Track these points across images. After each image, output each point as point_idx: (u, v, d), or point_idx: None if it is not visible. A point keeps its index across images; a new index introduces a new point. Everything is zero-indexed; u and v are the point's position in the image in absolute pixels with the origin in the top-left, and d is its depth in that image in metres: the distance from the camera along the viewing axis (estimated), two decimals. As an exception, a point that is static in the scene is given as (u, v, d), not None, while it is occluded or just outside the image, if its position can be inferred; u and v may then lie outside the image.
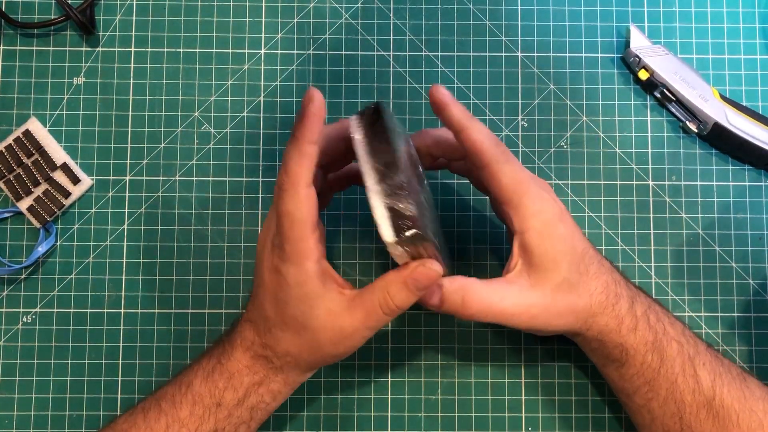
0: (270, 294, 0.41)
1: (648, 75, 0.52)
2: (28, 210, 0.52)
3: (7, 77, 0.54)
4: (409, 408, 0.51)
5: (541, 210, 0.42)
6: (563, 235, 0.42)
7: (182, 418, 0.42)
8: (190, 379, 0.43)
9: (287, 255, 0.40)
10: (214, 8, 0.54)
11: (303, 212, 0.39)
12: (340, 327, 0.41)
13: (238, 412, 0.43)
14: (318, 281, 0.40)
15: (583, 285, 0.43)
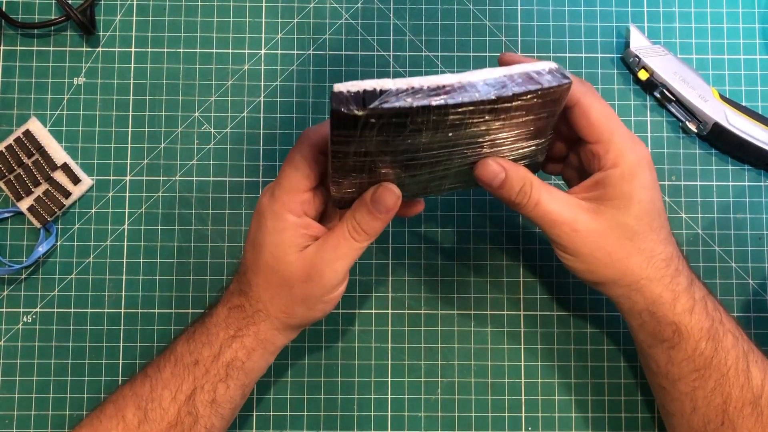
0: (250, 239, 0.43)
1: (648, 75, 0.52)
2: (29, 210, 0.52)
3: (7, 77, 0.54)
4: (409, 408, 0.51)
5: (632, 149, 0.40)
6: (648, 183, 0.41)
7: (164, 379, 0.43)
8: (175, 343, 0.44)
9: (275, 198, 0.41)
10: (214, 8, 0.54)
11: (306, 166, 0.40)
12: (310, 263, 0.41)
13: (214, 369, 0.43)
14: (296, 232, 0.41)
15: (647, 241, 0.41)
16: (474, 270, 0.53)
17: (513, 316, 0.52)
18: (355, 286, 0.52)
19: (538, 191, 0.41)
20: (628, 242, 0.41)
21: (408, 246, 0.53)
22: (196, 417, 0.43)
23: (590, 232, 0.41)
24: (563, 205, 0.41)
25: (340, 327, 0.52)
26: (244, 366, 0.44)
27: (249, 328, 0.43)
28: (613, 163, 0.40)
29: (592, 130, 0.40)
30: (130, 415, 0.43)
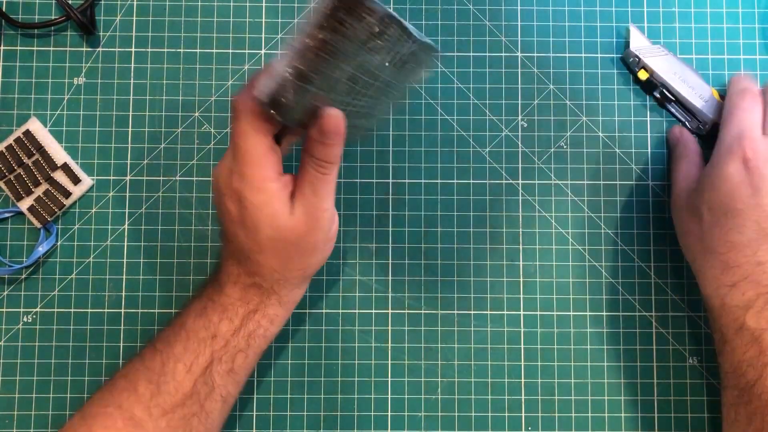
0: (238, 224, 0.42)
1: (647, 75, 0.52)
2: (29, 210, 0.52)
3: (7, 77, 0.54)
4: (409, 408, 0.51)
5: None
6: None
7: (176, 354, 0.43)
8: (183, 320, 0.44)
9: (247, 175, 0.40)
10: (215, 8, 0.54)
11: (261, 132, 0.40)
12: (305, 216, 0.42)
13: (234, 341, 0.44)
14: (281, 195, 0.41)
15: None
16: (474, 270, 0.53)
17: (513, 316, 0.52)
18: (355, 286, 0.52)
19: (683, 161, 0.51)
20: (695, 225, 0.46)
21: (408, 246, 0.53)
22: (212, 386, 0.44)
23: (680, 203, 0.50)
24: (683, 176, 0.50)
25: (340, 327, 0.52)
26: (267, 332, 0.45)
27: (270, 298, 0.45)
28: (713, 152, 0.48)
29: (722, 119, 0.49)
30: (142, 388, 0.43)
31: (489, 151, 0.53)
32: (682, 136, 0.52)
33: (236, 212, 0.42)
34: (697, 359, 0.52)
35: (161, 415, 0.43)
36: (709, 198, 0.46)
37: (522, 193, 0.53)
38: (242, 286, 0.44)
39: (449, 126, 0.54)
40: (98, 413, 0.43)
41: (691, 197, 0.48)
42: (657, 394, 0.51)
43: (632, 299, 0.52)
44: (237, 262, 0.44)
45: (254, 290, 0.44)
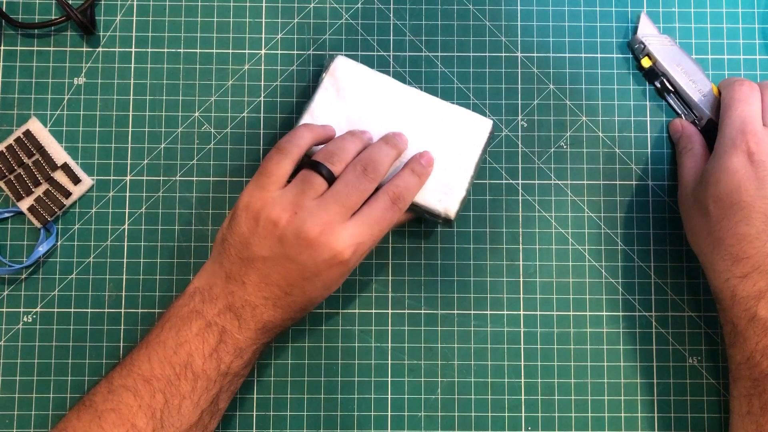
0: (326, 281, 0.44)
1: (651, 63, 0.53)
2: (29, 210, 0.52)
3: (7, 77, 0.54)
4: (409, 408, 0.51)
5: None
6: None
7: (183, 392, 0.43)
8: (184, 361, 0.43)
9: (373, 244, 0.45)
10: (215, 8, 0.54)
11: None
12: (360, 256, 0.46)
13: (242, 372, 0.45)
14: None
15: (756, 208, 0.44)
16: (474, 270, 0.53)
17: (513, 316, 0.52)
18: (355, 286, 0.52)
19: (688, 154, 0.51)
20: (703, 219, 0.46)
21: (408, 246, 0.53)
22: (216, 410, 0.45)
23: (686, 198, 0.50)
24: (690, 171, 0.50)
25: (340, 327, 0.52)
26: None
27: (283, 329, 0.47)
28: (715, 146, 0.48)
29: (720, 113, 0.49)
30: (142, 423, 0.42)
31: (489, 151, 0.53)
32: (684, 128, 0.52)
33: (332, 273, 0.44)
34: (697, 359, 0.52)
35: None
36: (714, 192, 0.46)
37: (522, 193, 0.53)
38: (270, 327, 0.45)
39: (449, 126, 0.53)
40: None
41: (697, 191, 0.48)
42: (657, 394, 0.51)
43: (632, 299, 0.52)
44: (279, 309, 0.44)
45: (279, 329, 0.46)
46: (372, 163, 0.45)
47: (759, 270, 0.43)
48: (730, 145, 0.46)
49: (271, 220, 0.43)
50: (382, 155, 0.46)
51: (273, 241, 0.43)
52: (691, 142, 0.51)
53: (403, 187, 0.45)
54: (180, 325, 0.44)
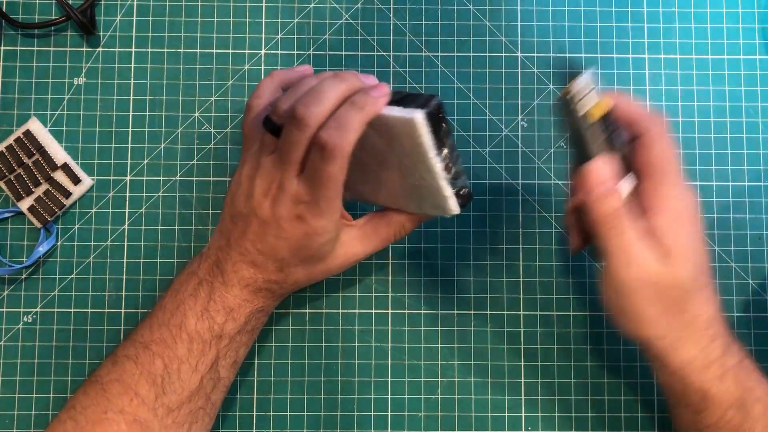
0: (288, 240, 0.42)
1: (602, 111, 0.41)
2: (29, 210, 0.52)
3: (7, 77, 0.54)
4: (409, 408, 0.51)
5: (688, 195, 0.40)
6: (698, 234, 0.40)
7: (180, 356, 0.43)
8: (179, 321, 0.44)
9: (321, 210, 0.41)
10: (215, 8, 0.54)
11: (343, 175, 0.40)
12: (353, 253, 0.45)
13: (239, 337, 0.45)
14: (339, 226, 0.44)
15: (694, 300, 0.40)
16: (474, 270, 0.53)
17: (513, 316, 0.52)
18: (355, 285, 0.52)
19: (632, 219, 0.40)
20: (679, 300, 0.40)
21: (408, 246, 0.53)
22: (217, 379, 0.45)
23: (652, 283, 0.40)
24: (643, 245, 0.39)
25: (340, 327, 0.52)
26: (264, 321, 0.47)
27: (277, 300, 0.47)
28: (665, 204, 0.39)
29: (654, 162, 0.40)
30: (144, 391, 0.42)
31: (489, 151, 0.53)
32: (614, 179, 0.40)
33: (291, 229, 0.42)
34: (697, 359, 0.52)
35: (167, 414, 0.43)
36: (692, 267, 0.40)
37: (522, 193, 0.53)
38: (253, 288, 0.44)
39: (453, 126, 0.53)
40: (97, 420, 0.42)
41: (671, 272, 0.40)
42: (657, 394, 0.51)
43: (632, 299, 0.52)
44: (259, 269, 0.44)
45: (265, 293, 0.45)
46: (303, 106, 0.39)
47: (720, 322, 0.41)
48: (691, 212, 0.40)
49: (242, 178, 0.43)
50: (321, 92, 0.39)
51: (247, 195, 0.43)
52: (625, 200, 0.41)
53: (333, 130, 0.39)
54: (178, 287, 0.45)
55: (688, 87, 0.54)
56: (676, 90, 0.54)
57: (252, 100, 0.45)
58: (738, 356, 0.42)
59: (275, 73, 0.46)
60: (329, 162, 0.39)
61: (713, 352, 0.41)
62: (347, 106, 0.39)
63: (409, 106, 0.40)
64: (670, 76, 0.54)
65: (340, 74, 0.41)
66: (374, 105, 0.39)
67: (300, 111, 0.39)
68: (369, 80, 0.42)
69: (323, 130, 0.39)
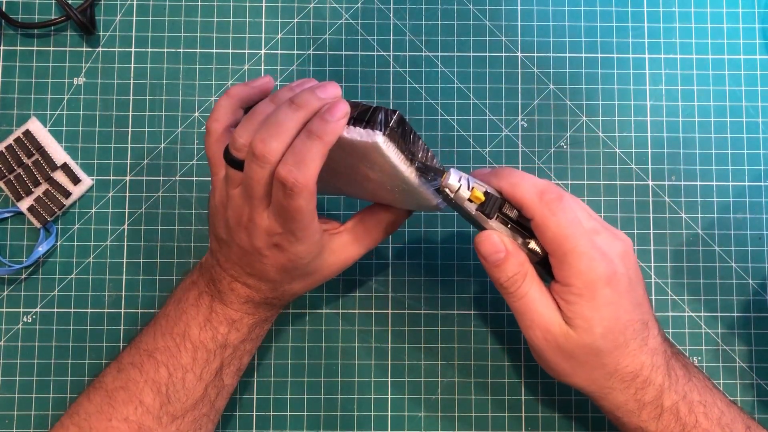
0: (275, 265, 0.42)
1: (483, 193, 0.41)
2: (29, 210, 0.52)
3: (7, 77, 0.54)
4: (409, 408, 0.51)
5: (587, 270, 0.39)
6: (606, 301, 0.40)
7: (185, 365, 0.43)
8: (182, 330, 0.44)
9: (297, 239, 0.40)
10: (214, 8, 0.54)
11: (313, 203, 0.39)
12: (346, 257, 0.45)
13: (243, 346, 0.45)
14: (321, 241, 0.42)
15: (610, 357, 0.41)
16: (474, 270, 0.53)
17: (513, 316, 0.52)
18: (355, 286, 0.52)
19: (530, 285, 0.41)
20: (593, 357, 0.41)
21: (408, 246, 0.53)
22: (221, 387, 0.45)
23: (558, 344, 0.41)
24: (546, 309, 0.41)
25: (340, 327, 0.52)
26: (267, 330, 0.48)
27: (279, 309, 0.47)
28: (566, 281, 0.40)
29: (548, 245, 0.40)
30: (149, 399, 0.43)
31: (489, 151, 0.53)
32: (508, 247, 0.41)
33: (273, 256, 0.41)
34: (697, 359, 0.52)
35: (171, 422, 0.43)
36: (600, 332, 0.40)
37: (522, 193, 0.53)
38: (253, 304, 0.44)
39: (449, 126, 0.54)
40: (102, 428, 0.42)
41: (574, 338, 0.40)
42: (657, 394, 0.51)
43: (632, 299, 0.52)
44: (254, 289, 0.44)
45: (265, 306, 0.45)
46: (261, 142, 0.37)
47: (652, 369, 0.41)
48: (594, 281, 0.40)
49: (217, 205, 0.42)
50: (278, 125, 0.38)
51: (224, 223, 0.42)
52: (527, 278, 0.41)
53: (292, 165, 0.37)
54: (181, 296, 0.45)
55: (688, 87, 0.54)
56: (676, 90, 0.54)
57: (210, 123, 0.42)
58: (680, 393, 0.42)
59: (232, 91, 0.42)
60: (293, 198, 0.37)
61: (645, 396, 0.41)
62: (304, 137, 0.37)
63: (369, 124, 0.38)
64: (670, 76, 0.54)
65: (296, 99, 0.39)
66: (333, 133, 0.37)
67: (258, 148, 0.37)
68: (327, 93, 0.39)
69: (282, 165, 0.37)
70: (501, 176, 0.41)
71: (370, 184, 0.43)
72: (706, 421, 0.42)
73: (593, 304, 0.40)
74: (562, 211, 0.40)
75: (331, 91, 0.39)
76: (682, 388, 0.42)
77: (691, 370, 0.43)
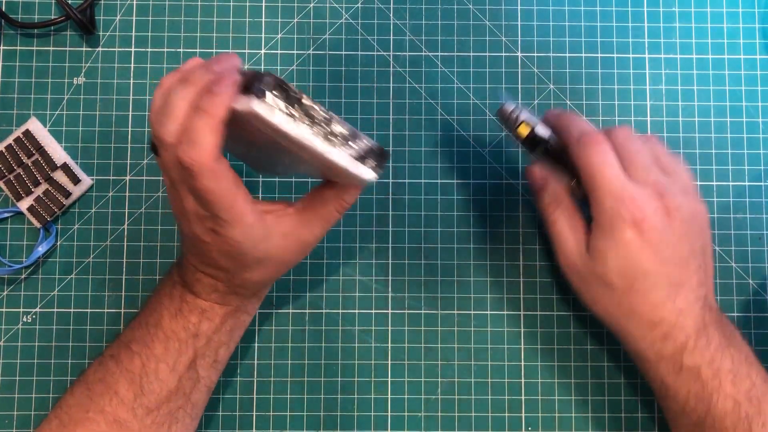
0: (220, 252, 0.41)
1: (528, 129, 0.46)
2: (29, 210, 0.52)
3: (7, 77, 0.54)
4: (409, 408, 0.51)
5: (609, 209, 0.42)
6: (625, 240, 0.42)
7: (157, 354, 0.43)
8: (157, 320, 0.44)
9: (224, 221, 0.38)
10: (214, 8, 0.54)
11: (226, 182, 0.37)
12: (300, 241, 0.43)
13: (217, 337, 0.45)
14: (261, 224, 0.40)
15: (626, 297, 0.43)
16: (474, 270, 0.53)
17: (513, 316, 0.52)
18: (355, 285, 0.52)
19: (561, 213, 0.46)
20: (608, 291, 0.43)
21: (408, 246, 0.53)
22: (197, 379, 0.45)
23: (578, 269, 0.45)
24: (571, 235, 0.45)
25: (340, 327, 0.52)
26: (246, 322, 0.47)
27: (251, 300, 0.46)
28: (594, 215, 0.43)
29: (583, 182, 0.44)
30: (123, 390, 0.43)
31: (489, 151, 0.53)
32: (547, 180, 0.47)
33: (214, 242, 0.40)
34: (697, 359, 0.52)
35: (146, 414, 0.43)
36: (614, 267, 0.42)
37: (522, 193, 0.53)
38: (220, 294, 0.44)
39: (449, 126, 0.54)
40: (80, 419, 0.43)
41: (592, 266, 0.43)
42: (657, 394, 0.51)
43: (632, 299, 0.52)
44: (217, 279, 0.43)
45: (234, 296, 0.45)
46: (158, 125, 0.37)
47: (676, 327, 0.43)
48: (614, 220, 0.42)
49: None
50: (171, 106, 0.36)
51: (173, 215, 0.43)
52: (559, 196, 0.46)
53: (185, 145, 0.36)
54: (159, 287, 0.46)
55: (688, 87, 0.54)
56: (676, 90, 0.54)
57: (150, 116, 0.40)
58: (706, 356, 0.42)
59: (163, 81, 0.39)
60: (195, 178, 0.36)
61: (664, 349, 0.43)
62: (192, 114, 0.36)
63: (248, 91, 0.36)
64: (670, 76, 0.54)
65: (187, 75, 0.37)
66: (220, 105, 0.35)
67: (158, 131, 0.37)
68: (220, 65, 0.38)
69: (178, 146, 0.36)
70: (559, 119, 0.46)
71: (299, 159, 0.40)
72: (731, 388, 0.42)
73: (611, 238, 0.42)
74: (595, 154, 0.43)
75: (226, 62, 0.38)
76: (711, 354, 0.42)
77: (733, 342, 0.43)
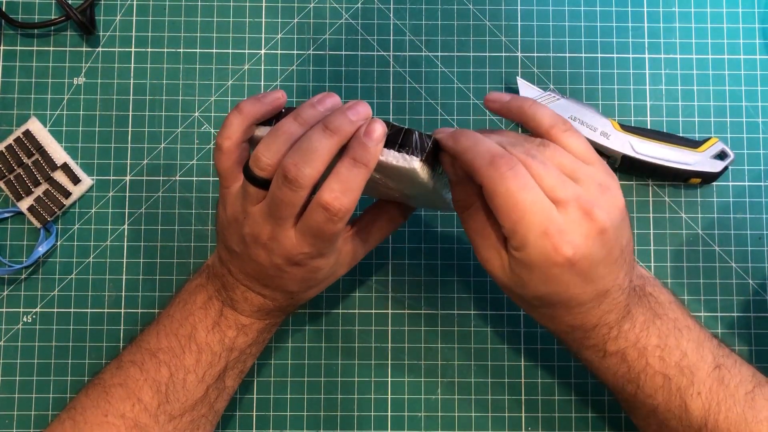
0: (295, 279, 0.42)
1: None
2: (29, 210, 0.52)
3: (7, 77, 0.54)
4: (409, 408, 0.51)
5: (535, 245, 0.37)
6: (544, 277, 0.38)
7: (187, 366, 0.43)
8: (188, 332, 0.44)
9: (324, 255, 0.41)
10: (214, 8, 0.54)
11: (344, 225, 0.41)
12: (356, 258, 0.46)
13: (249, 350, 0.46)
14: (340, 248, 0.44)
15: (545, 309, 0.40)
16: (474, 270, 0.53)
17: (513, 316, 0.52)
18: (355, 286, 0.52)
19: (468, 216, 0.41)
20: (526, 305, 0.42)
21: (408, 246, 0.53)
22: (222, 389, 0.45)
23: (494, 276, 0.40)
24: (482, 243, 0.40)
25: (340, 327, 0.52)
26: (273, 332, 0.48)
27: (285, 313, 0.47)
28: (516, 246, 0.37)
29: (497, 214, 0.37)
30: (147, 398, 0.43)
31: (489, 151, 0.53)
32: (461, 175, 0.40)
33: (297, 272, 0.41)
34: (697, 359, 0.52)
35: (168, 421, 0.43)
36: (538, 294, 0.39)
37: (522, 193, 0.53)
38: (265, 312, 0.45)
39: (449, 126, 0.53)
40: (97, 422, 0.43)
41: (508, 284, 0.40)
42: (657, 394, 0.51)
43: (632, 299, 0.52)
44: (264, 297, 0.44)
45: (278, 312, 0.45)
46: (294, 167, 0.37)
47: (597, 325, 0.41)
48: (543, 257, 0.37)
49: (229, 219, 0.42)
50: (312, 151, 0.37)
51: (239, 238, 0.41)
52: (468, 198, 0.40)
53: (339, 192, 0.37)
54: (187, 298, 0.45)
55: (688, 87, 0.54)
56: (676, 90, 0.54)
57: (222, 141, 0.40)
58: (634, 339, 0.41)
59: (244, 109, 0.40)
60: (335, 223, 0.38)
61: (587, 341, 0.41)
62: (349, 165, 0.37)
63: (404, 148, 0.38)
64: (670, 76, 0.54)
65: (330, 124, 0.38)
66: (374, 158, 0.38)
67: (292, 172, 0.37)
68: (359, 115, 0.38)
69: (328, 192, 0.37)
70: (457, 141, 0.38)
71: (386, 189, 0.43)
72: (659, 364, 0.41)
73: (537, 272, 0.38)
74: (512, 178, 0.36)
75: (363, 111, 0.39)
76: (636, 335, 0.41)
77: (660, 313, 0.41)
